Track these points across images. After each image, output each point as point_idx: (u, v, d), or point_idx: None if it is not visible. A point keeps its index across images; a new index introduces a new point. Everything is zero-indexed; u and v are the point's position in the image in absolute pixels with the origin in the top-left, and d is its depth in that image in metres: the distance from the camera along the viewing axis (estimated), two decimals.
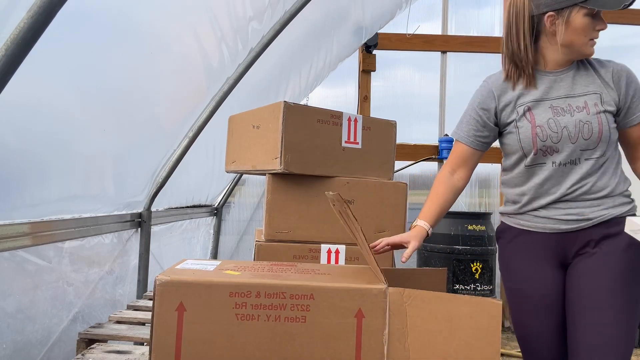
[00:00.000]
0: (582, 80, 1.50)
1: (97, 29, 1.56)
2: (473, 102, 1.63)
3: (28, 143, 1.54)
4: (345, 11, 3.35)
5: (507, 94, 1.57)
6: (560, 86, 1.52)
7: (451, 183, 1.63)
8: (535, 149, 1.51)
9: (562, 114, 1.49)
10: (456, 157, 1.65)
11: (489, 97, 1.59)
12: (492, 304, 1.09)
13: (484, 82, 1.64)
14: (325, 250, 1.66)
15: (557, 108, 1.50)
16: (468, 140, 1.62)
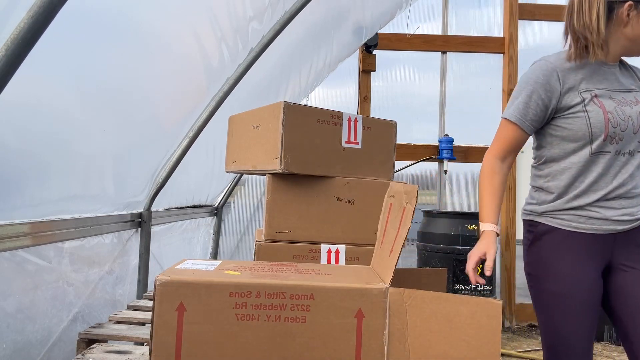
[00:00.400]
0: (626, 78, 1.54)
1: (97, 29, 1.56)
2: (535, 82, 1.51)
3: (28, 143, 1.54)
4: (345, 11, 3.35)
5: (570, 76, 1.50)
6: (613, 79, 1.52)
7: (504, 173, 1.57)
8: (606, 134, 1.45)
9: (624, 105, 1.48)
10: (510, 142, 1.56)
11: (553, 78, 1.50)
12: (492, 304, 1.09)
13: (543, 62, 1.54)
14: (325, 250, 1.66)
15: (618, 100, 1.48)
16: (525, 124, 1.52)
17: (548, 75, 1.50)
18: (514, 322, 4.28)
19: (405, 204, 1.19)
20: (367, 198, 1.73)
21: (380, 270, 1.26)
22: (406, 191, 1.21)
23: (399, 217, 1.21)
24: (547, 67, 1.51)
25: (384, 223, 1.36)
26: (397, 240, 1.17)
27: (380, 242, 1.35)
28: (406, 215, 1.17)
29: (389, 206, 1.35)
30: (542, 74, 1.50)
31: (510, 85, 4.45)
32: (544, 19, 4.57)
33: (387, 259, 1.19)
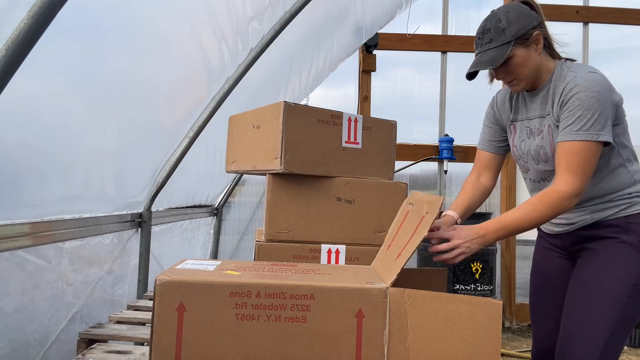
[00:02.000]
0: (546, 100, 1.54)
1: (97, 30, 1.56)
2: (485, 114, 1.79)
3: (28, 143, 1.54)
4: (345, 11, 3.35)
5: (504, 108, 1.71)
6: (531, 107, 1.59)
7: (478, 183, 1.74)
8: (519, 166, 1.69)
9: (529, 136, 1.59)
10: (480, 163, 1.78)
11: (493, 112, 1.75)
12: (492, 304, 1.09)
13: (492, 98, 1.79)
14: (325, 250, 1.66)
15: (528, 129, 1.60)
16: (484, 146, 1.76)
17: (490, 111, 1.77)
18: (514, 322, 4.28)
19: (425, 214, 1.19)
20: (367, 198, 1.73)
21: (382, 271, 1.26)
22: (429, 201, 1.22)
23: (414, 225, 1.21)
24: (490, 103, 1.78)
25: (396, 228, 1.36)
26: (409, 246, 1.17)
27: (388, 245, 1.35)
28: (424, 224, 1.17)
29: (406, 213, 1.35)
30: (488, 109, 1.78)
31: None
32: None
33: (394, 262, 1.19)
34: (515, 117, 1.66)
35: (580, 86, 1.41)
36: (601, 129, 1.38)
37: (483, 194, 1.74)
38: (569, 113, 1.41)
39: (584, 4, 4.61)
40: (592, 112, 1.38)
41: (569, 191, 1.38)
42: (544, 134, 1.52)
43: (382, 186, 1.76)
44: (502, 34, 1.46)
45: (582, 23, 4.59)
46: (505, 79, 1.55)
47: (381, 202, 1.74)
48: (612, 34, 4.62)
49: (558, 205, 1.38)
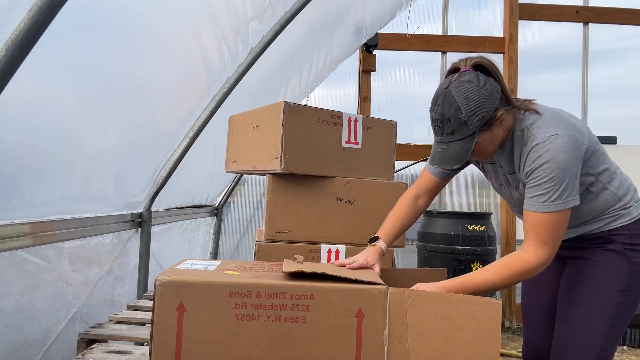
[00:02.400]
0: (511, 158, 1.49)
1: (97, 30, 1.56)
2: None
3: (29, 143, 1.54)
4: (345, 11, 3.35)
5: None
6: (500, 159, 1.54)
7: (415, 208, 1.67)
8: None
9: (507, 184, 1.57)
10: (424, 185, 1.69)
11: None
12: (492, 304, 1.09)
13: None
14: (325, 250, 1.67)
15: (502, 177, 1.58)
16: (434, 170, 1.67)
17: None
18: (514, 322, 4.28)
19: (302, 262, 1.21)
20: (367, 198, 1.73)
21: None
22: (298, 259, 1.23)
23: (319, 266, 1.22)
24: None
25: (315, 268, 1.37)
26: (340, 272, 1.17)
27: None
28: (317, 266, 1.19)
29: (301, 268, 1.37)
30: None
31: (510, 85, 4.45)
32: (544, 19, 4.57)
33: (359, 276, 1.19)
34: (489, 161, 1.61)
35: (543, 157, 1.34)
36: (569, 195, 1.35)
37: (416, 218, 1.70)
38: (535, 184, 1.36)
39: (584, 4, 4.61)
40: (558, 184, 1.34)
41: (538, 262, 1.36)
42: (520, 190, 1.50)
43: (382, 186, 1.76)
44: (465, 127, 1.34)
45: (582, 23, 4.59)
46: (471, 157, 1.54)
47: (381, 202, 1.74)
48: (612, 34, 4.62)
49: (525, 275, 1.37)
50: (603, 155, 1.50)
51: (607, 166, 1.50)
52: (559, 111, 1.45)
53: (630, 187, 1.54)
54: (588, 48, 4.60)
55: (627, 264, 1.49)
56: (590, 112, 4.56)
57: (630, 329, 3.69)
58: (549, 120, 1.40)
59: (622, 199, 1.51)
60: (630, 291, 1.49)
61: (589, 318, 1.49)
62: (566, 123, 1.39)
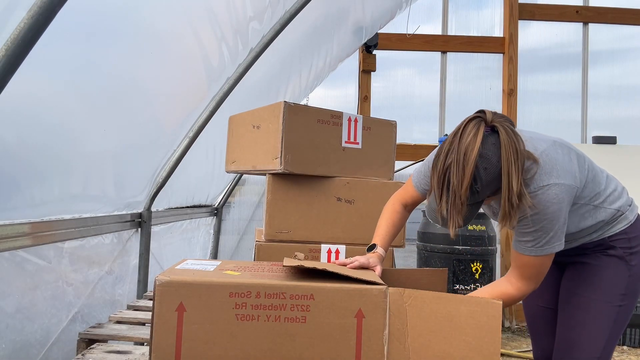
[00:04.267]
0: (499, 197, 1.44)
1: (97, 29, 1.56)
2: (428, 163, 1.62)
3: (28, 143, 1.54)
4: (345, 11, 3.35)
5: None
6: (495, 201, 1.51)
7: (404, 214, 1.69)
8: None
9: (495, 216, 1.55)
10: (409, 197, 1.69)
11: None
12: (492, 304, 1.09)
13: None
14: (325, 250, 1.67)
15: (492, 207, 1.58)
16: (419, 187, 1.65)
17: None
18: (514, 322, 4.28)
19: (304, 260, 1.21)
20: (367, 198, 1.73)
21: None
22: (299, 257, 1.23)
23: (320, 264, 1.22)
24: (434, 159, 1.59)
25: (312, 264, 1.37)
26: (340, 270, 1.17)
27: None
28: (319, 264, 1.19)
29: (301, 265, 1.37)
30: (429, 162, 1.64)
31: (510, 85, 4.45)
32: (544, 19, 4.57)
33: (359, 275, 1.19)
34: None
35: (533, 208, 1.33)
36: (555, 241, 1.38)
37: (404, 223, 1.72)
38: (524, 231, 1.37)
39: (584, 4, 4.61)
40: (546, 233, 1.36)
41: (520, 295, 1.43)
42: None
43: (382, 186, 1.76)
44: (476, 195, 1.31)
45: (582, 23, 4.59)
46: None
47: (381, 202, 1.74)
48: (612, 34, 4.62)
49: (508, 304, 1.42)
50: (594, 179, 1.47)
51: (599, 189, 1.49)
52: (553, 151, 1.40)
53: (622, 193, 1.55)
54: (588, 48, 4.60)
55: (627, 268, 1.51)
56: (590, 112, 4.56)
57: (630, 329, 3.69)
58: (543, 168, 1.36)
59: (619, 209, 1.52)
60: (629, 294, 1.52)
61: (591, 322, 1.51)
62: (560, 170, 1.36)
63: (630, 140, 4.34)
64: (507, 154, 1.28)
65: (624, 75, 4.55)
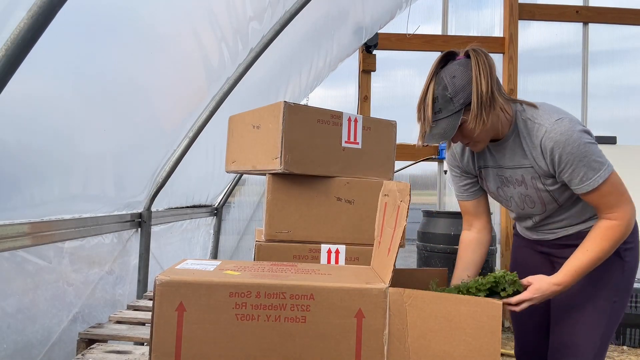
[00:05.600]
0: (518, 151, 1.49)
1: (97, 29, 1.56)
2: (448, 163, 1.75)
3: (28, 143, 1.54)
4: (345, 11, 3.35)
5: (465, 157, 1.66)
6: (499, 156, 1.54)
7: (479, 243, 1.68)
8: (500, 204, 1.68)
9: (507, 185, 1.57)
10: (467, 215, 1.72)
11: (456, 162, 1.69)
12: (492, 304, 1.09)
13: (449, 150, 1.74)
14: (325, 250, 1.66)
15: (502, 177, 1.57)
16: (462, 196, 1.71)
17: (450, 158, 1.71)
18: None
19: (399, 202, 1.19)
20: (367, 198, 1.73)
21: (379, 270, 1.26)
22: (399, 189, 1.21)
23: (394, 216, 1.21)
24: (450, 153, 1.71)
25: (380, 222, 1.36)
26: (394, 239, 1.17)
27: (378, 241, 1.35)
28: (401, 214, 1.16)
29: (384, 205, 1.35)
30: (447, 158, 1.73)
31: (510, 85, 4.44)
32: (544, 19, 4.57)
33: (386, 258, 1.19)
34: (482, 164, 1.61)
35: (559, 143, 1.36)
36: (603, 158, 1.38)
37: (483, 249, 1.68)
38: (571, 170, 1.37)
39: (584, 4, 4.61)
40: (588, 156, 1.36)
41: (627, 220, 1.38)
42: (527, 184, 1.50)
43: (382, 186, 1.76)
44: (450, 103, 1.39)
45: (582, 23, 4.59)
46: (462, 141, 1.51)
47: None
48: (612, 34, 4.62)
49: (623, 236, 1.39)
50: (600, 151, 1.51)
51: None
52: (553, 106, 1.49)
53: None
54: (588, 48, 4.60)
55: (621, 264, 1.51)
56: (590, 112, 4.56)
57: (630, 329, 3.69)
58: (548, 110, 1.44)
59: None
60: (622, 290, 1.52)
61: (587, 319, 1.50)
62: (563, 111, 1.44)
63: (630, 140, 4.34)
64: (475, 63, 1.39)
65: (624, 76, 4.55)
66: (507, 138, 1.49)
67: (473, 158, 1.64)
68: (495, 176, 1.59)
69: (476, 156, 1.63)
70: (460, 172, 1.69)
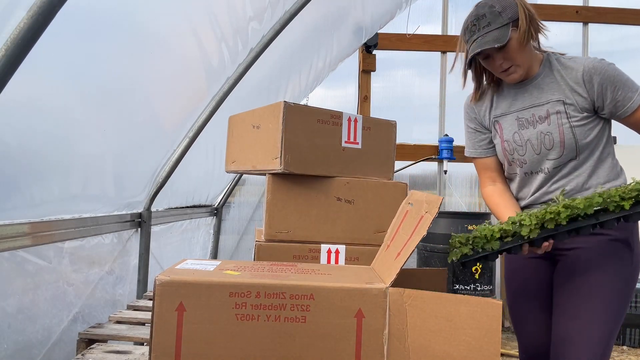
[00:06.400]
0: (547, 87, 1.53)
1: (97, 29, 1.56)
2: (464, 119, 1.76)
3: (28, 143, 1.54)
4: (345, 11, 3.35)
5: (483, 109, 1.68)
6: (525, 97, 1.57)
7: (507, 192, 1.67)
8: (508, 161, 1.63)
9: (525, 127, 1.56)
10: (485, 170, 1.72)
11: (474, 116, 1.71)
12: (492, 304, 1.09)
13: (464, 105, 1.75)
14: (325, 250, 1.66)
15: (522, 120, 1.57)
16: (481, 153, 1.71)
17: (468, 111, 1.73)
18: None
19: (424, 213, 1.19)
20: (367, 198, 1.73)
21: (381, 271, 1.26)
22: (428, 201, 1.21)
23: (414, 225, 1.21)
24: (465, 106, 1.74)
25: (395, 228, 1.36)
26: (408, 245, 1.17)
27: (387, 245, 1.35)
28: (423, 224, 1.17)
29: (405, 213, 1.35)
30: (464, 114, 1.75)
31: None
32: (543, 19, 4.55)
33: (393, 262, 1.19)
34: (501, 112, 1.63)
35: (597, 69, 1.47)
36: None
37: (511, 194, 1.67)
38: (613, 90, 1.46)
39: (584, 4, 4.61)
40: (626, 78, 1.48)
41: None
42: (551, 120, 1.50)
43: (382, 186, 1.76)
44: (499, 17, 1.46)
45: (581, 23, 4.59)
46: (503, 65, 1.51)
47: (381, 202, 1.74)
48: (612, 34, 4.61)
49: None
50: None
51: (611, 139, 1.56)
52: None
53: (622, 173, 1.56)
54: (588, 48, 4.60)
55: (630, 255, 1.48)
56: None
57: (630, 329, 3.69)
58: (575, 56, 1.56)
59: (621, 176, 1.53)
60: (631, 281, 1.49)
61: (597, 311, 1.46)
62: None
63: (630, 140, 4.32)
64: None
65: None
66: (537, 76, 1.55)
67: (490, 109, 1.65)
68: (513, 121, 1.59)
69: (495, 105, 1.64)
70: (476, 127, 1.70)
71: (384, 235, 1.66)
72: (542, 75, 1.55)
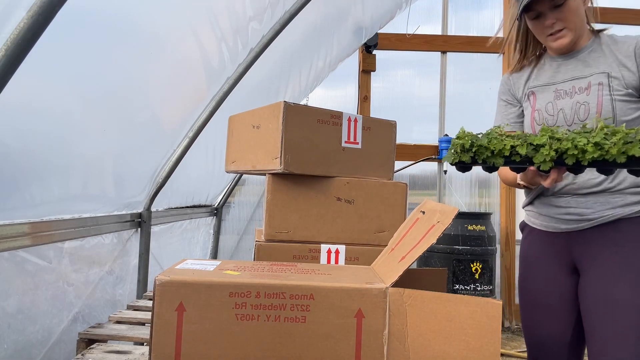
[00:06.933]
0: (594, 61, 1.48)
1: (97, 29, 1.56)
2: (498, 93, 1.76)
3: (28, 143, 1.54)
4: (345, 11, 3.35)
5: (520, 78, 1.66)
6: (567, 69, 1.52)
7: None
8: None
9: (562, 97, 1.49)
10: None
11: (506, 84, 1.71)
12: (492, 304, 1.09)
13: (503, 78, 1.76)
14: (325, 250, 1.66)
15: (560, 91, 1.51)
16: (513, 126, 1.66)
17: (503, 83, 1.73)
18: (513, 322, 4.28)
19: (436, 222, 1.19)
20: (367, 198, 1.73)
21: (382, 272, 1.26)
22: (442, 211, 1.20)
23: (423, 232, 1.20)
24: (503, 78, 1.74)
25: (402, 233, 1.36)
26: (415, 251, 1.16)
27: (392, 248, 1.35)
28: (433, 232, 1.16)
29: (415, 220, 1.34)
30: (500, 86, 1.75)
31: None
32: None
33: (396, 264, 1.19)
34: (539, 84, 1.57)
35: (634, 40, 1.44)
36: None
37: None
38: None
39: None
40: None
41: None
42: (591, 90, 1.43)
43: (382, 186, 1.76)
44: None
45: None
46: (555, 25, 1.45)
47: (381, 202, 1.74)
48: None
49: None
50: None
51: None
52: None
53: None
54: None
55: None
56: None
57: None
58: None
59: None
60: None
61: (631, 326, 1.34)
62: None
63: None
64: None
65: None
66: (584, 49, 1.50)
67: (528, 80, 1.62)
68: (551, 93, 1.53)
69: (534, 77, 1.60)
70: (508, 100, 1.68)
71: (384, 235, 1.66)
72: (590, 50, 1.49)
